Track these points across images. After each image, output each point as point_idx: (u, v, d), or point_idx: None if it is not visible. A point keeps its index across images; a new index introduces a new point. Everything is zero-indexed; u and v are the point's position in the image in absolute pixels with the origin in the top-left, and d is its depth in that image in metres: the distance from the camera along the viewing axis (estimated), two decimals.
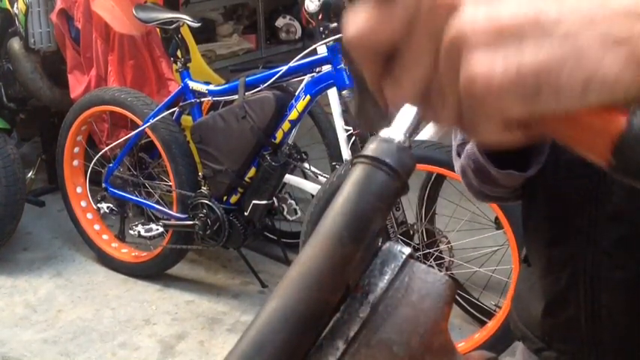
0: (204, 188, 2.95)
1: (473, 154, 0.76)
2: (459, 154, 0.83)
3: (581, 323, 0.77)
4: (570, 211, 0.76)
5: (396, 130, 0.51)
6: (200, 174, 2.98)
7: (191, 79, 2.99)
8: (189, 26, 3.06)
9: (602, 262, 0.74)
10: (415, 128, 0.51)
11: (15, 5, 3.61)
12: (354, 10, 0.40)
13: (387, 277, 0.48)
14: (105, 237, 3.40)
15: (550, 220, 0.80)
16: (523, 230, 0.88)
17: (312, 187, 3.16)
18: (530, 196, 0.83)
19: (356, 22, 0.40)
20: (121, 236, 3.40)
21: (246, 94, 2.76)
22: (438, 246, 2.71)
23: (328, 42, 2.58)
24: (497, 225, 2.66)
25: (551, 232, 0.80)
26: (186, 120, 3.09)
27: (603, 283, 0.75)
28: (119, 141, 3.20)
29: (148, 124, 2.96)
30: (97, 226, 3.41)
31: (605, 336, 0.76)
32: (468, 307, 2.76)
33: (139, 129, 3.02)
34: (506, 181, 0.75)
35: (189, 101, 2.98)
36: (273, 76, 2.70)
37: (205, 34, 5.39)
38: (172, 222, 3.08)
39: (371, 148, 0.49)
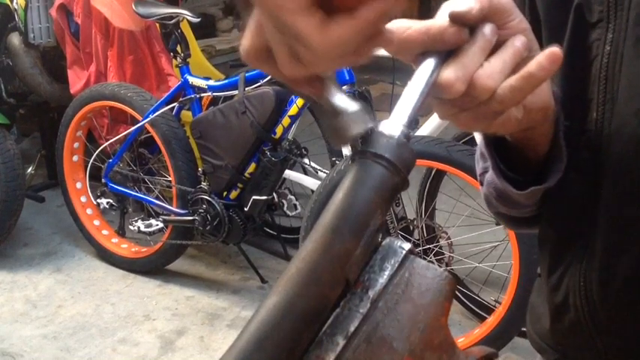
0: (204, 184, 2.95)
1: (492, 182, 0.76)
2: (481, 183, 0.83)
3: (584, 328, 0.77)
4: (571, 216, 0.76)
5: (394, 122, 0.51)
6: (200, 169, 2.97)
7: (191, 75, 2.99)
8: (188, 21, 3.06)
9: (595, 265, 0.74)
10: (413, 120, 0.52)
11: (14, 0, 3.60)
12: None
13: (387, 273, 0.48)
14: (105, 232, 3.40)
15: (553, 226, 0.80)
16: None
17: (312, 183, 3.16)
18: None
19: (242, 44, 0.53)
20: (121, 232, 3.40)
21: (246, 89, 2.76)
22: (437, 241, 2.71)
23: None
24: (497, 220, 2.66)
25: (553, 238, 0.80)
26: (186, 115, 3.08)
27: (596, 286, 0.75)
28: (119, 136, 3.20)
29: (148, 119, 2.96)
30: (96, 222, 3.41)
31: (611, 340, 0.76)
32: (468, 303, 2.76)
33: (139, 124, 3.01)
34: (529, 199, 0.75)
35: (188, 97, 2.98)
36: None
37: (205, 29, 5.38)
38: (172, 217, 3.08)
39: (371, 144, 0.49)
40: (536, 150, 0.71)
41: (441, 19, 0.55)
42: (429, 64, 0.54)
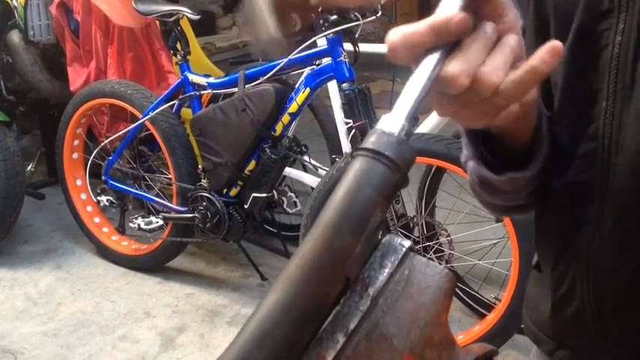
0: (204, 181, 2.95)
1: (475, 169, 0.76)
2: (466, 172, 0.83)
3: (588, 318, 0.77)
4: (579, 204, 0.76)
5: (395, 117, 0.51)
6: (200, 167, 2.97)
7: (191, 72, 2.99)
8: (188, 19, 3.06)
9: (605, 252, 0.74)
10: (415, 115, 0.51)
11: None
12: None
13: (387, 270, 0.48)
14: (105, 230, 3.40)
15: (560, 214, 0.80)
16: (535, 234, 0.88)
17: (311, 180, 3.16)
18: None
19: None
20: (121, 229, 3.40)
21: (246, 86, 2.75)
22: (437, 239, 2.71)
23: (328, 34, 2.57)
24: (497, 218, 2.66)
25: (560, 227, 0.80)
26: (186, 113, 3.08)
27: (605, 274, 0.75)
28: (119, 134, 3.20)
29: (148, 116, 2.96)
30: (96, 219, 3.42)
31: (614, 329, 0.76)
32: (468, 300, 2.77)
33: (139, 122, 3.01)
34: (510, 186, 0.75)
35: (188, 94, 2.98)
36: (273, 68, 2.69)
37: (205, 26, 5.38)
38: (172, 215, 3.08)
39: (371, 141, 0.49)
40: (520, 139, 0.71)
41: (440, 13, 0.54)
42: (432, 59, 0.54)
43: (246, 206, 2.86)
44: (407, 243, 0.49)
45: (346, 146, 2.99)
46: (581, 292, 0.77)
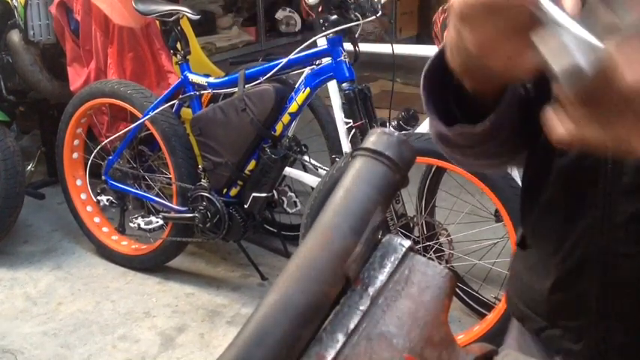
0: (204, 181, 2.95)
1: (432, 123, 0.76)
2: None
3: (591, 298, 0.78)
4: (585, 187, 0.77)
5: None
6: (200, 166, 2.97)
7: (191, 72, 2.99)
8: (188, 18, 3.06)
9: (616, 237, 0.75)
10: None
11: None
12: None
13: (387, 270, 0.48)
14: (105, 229, 3.40)
15: (565, 197, 0.81)
16: (525, 213, 0.87)
17: (311, 180, 3.16)
18: (540, 176, 0.83)
19: None
20: (121, 229, 3.40)
21: (246, 86, 2.75)
22: (437, 239, 2.71)
23: (328, 34, 2.57)
24: (497, 217, 2.66)
25: (565, 209, 0.81)
26: (186, 112, 3.08)
27: (616, 258, 0.75)
28: (119, 134, 3.20)
29: (148, 116, 2.96)
30: (96, 219, 3.42)
31: (616, 309, 0.77)
32: (468, 300, 2.77)
33: (139, 121, 3.01)
34: (463, 140, 0.76)
35: (188, 94, 2.98)
36: (273, 68, 2.70)
37: (205, 26, 5.38)
38: (172, 214, 3.08)
39: (371, 141, 0.49)
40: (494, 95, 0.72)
41: None
42: None
43: (246, 206, 2.87)
44: (407, 243, 0.49)
45: (346, 146, 2.99)
46: (590, 274, 0.78)
